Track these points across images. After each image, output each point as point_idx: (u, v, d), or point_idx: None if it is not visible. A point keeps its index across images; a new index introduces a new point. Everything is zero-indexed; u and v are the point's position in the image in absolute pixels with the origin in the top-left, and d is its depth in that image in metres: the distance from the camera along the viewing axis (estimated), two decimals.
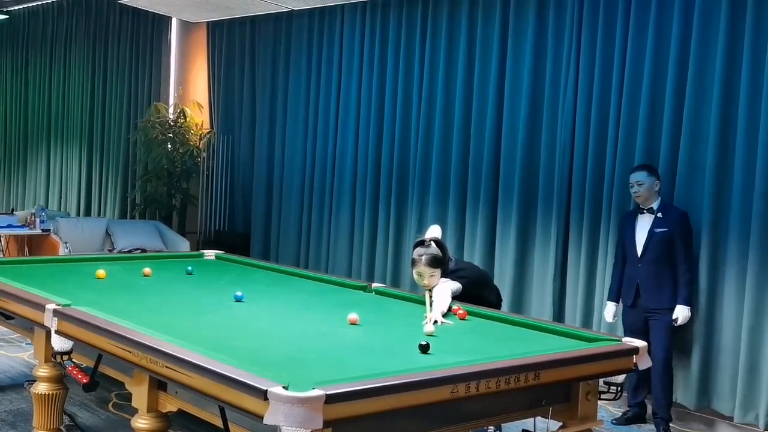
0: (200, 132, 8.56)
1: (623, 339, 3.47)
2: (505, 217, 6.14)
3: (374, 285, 4.65)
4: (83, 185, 9.83)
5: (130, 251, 7.51)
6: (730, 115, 4.99)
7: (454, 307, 3.91)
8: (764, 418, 4.76)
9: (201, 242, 8.37)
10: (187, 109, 8.50)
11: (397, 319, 3.92)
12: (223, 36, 8.52)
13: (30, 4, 10.39)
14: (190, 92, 8.89)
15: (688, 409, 5.12)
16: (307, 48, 7.70)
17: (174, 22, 8.89)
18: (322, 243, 7.51)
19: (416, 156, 6.75)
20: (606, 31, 5.59)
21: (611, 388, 3.33)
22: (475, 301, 4.09)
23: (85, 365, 3.50)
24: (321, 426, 2.31)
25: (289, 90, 7.88)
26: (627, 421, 5.11)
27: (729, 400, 4.95)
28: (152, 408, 3.05)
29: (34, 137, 10.81)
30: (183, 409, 2.97)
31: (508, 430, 4.19)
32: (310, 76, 7.67)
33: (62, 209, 10.02)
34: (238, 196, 8.50)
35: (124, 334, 3.06)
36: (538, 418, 3.19)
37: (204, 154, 8.50)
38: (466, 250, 6.36)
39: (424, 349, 3.07)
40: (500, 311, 4.32)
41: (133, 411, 3.14)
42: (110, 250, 7.81)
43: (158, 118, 8.43)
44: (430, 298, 3.95)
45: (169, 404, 3.02)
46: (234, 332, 3.46)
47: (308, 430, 2.29)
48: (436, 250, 4.07)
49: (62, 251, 7.41)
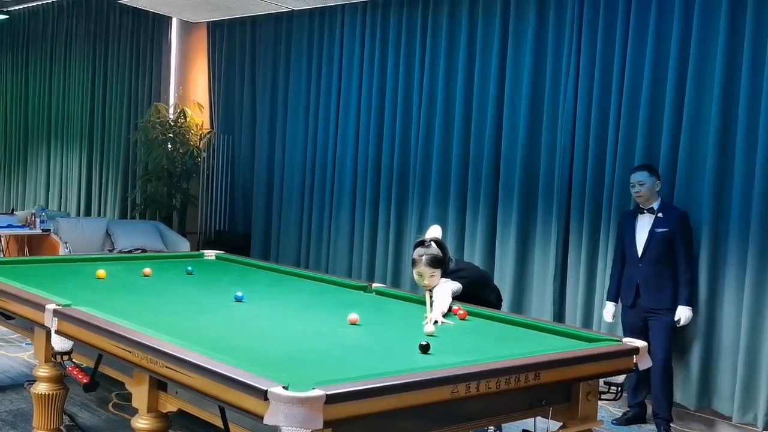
0: (200, 132, 8.56)
1: (623, 339, 3.47)
2: (506, 217, 6.14)
3: (374, 285, 4.65)
4: (83, 185, 9.83)
5: (130, 251, 7.51)
6: (730, 115, 4.99)
7: (455, 307, 3.90)
8: (763, 418, 4.76)
9: (201, 242, 8.37)
10: (187, 110, 8.50)
11: (397, 320, 3.92)
12: (224, 36, 8.51)
13: (30, 4, 10.38)
14: (190, 92, 8.89)
15: (688, 409, 5.12)
16: (308, 48, 7.70)
17: (174, 22, 8.89)
18: (323, 243, 7.51)
19: (416, 156, 6.75)
20: (606, 31, 5.59)
21: (611, 388, 3.33)
22: (475, 302, 4.09)
23: (85, 365, 3.50)
24: (321, 426, 2.32)
25: (289, 90, 7.88)
26: (627, 422, 5.10)
27: (729, 401, 4.94)
28: (152, 408, 3.05)
29: (34, 137, 10.81)
30: (183, 409, 2.97)
31: (508, 430, 4.19)
32: (311, 76, 7.67)
33: (62, 209, 10.01)
34: (238, 196, 8.50)
35: (124, 334, 3.06)
36: (539, 419, 3.20)
37: (204, 155, 8.50)
38: (466, 251, 6.35)
39: (425, 349, 3.07)
40: (500, 311, 4.32)
41: (134, 411, 3.14)
42: (110, 251, 7.80)
43: (158, 118, 8.43)
44: (431, 298, 3.94)
45: (170, 404, 3.02)
46: (234, 332, 3.46)
47: (308, 431, 2.29)
48: (436, 250, 4.07)
49: (62, 251, 7.41)
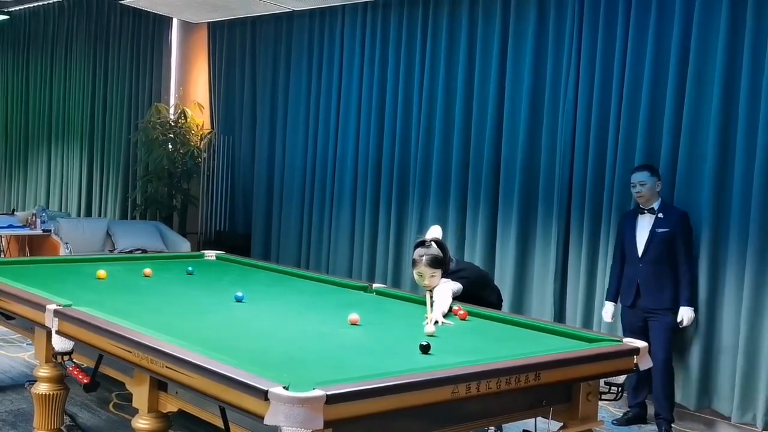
0: (201, 132, 8.56)
1: (624, 339, 3.47)
2: (506, 217, 6.14)
3: (375, 285, 4.65)
4: (84, 186, 9.83)
5: (130, 252, 7.51)
6: (730, 116, 4.99)
7: (455, 307, 3.90)
8: (762, 418, 4.76)
9: (201, 243, 8.37)
10: (187, 110, 8.50)
11: (397, 320, 3.92)
12: (224, 36, 8.52)
13: (31, 5, 10.38)
14: (190, 93, 8.90)
15: (688, 409, 5.12)
16: (308, 48, 7.70)
17: (175, 22, 8.89)
18: (323, 243, 7.51)
19: (417, 156, 6.75)
20: (606, 31, 5.59)
21: (612, 388, 3.33)
22: (475, 302, 4.09)
23: (85, 365, 3.50)
24: (322, 426, 2.32)
25: (289, 90, 7.88)
26: (628, 422, 5.10)
27: (729, 401, 4.94)
28: (153, 408, 3.05)
29: (34, 137, 10.82)
30: (183, 409, 2.98)
31: (508, 430, 4.19)
32: (311, 76, 7.67)
33: (63, 210, 10.02)
34: (238, 196, 8.50)
35: (124, 334, 3.06)
36: (539, 419, 3.20)
37: (205, 155, 8.50)
38: (466, 251, 6.35)
39: (425, 349, 3.07)
40: (501, 312, 4.32)
41: (134, 411, 3.14)
42: (111, 251, 7.81)
43: (159, 118, 8.43)
44: (431, 298, 3.94)
45: (170, 404, 3.02)
46: (234, 333, 3.46)
47: (309, 431, 2.29)
48: (436, 250, 4.07)
49: (63, 252, 7.42)
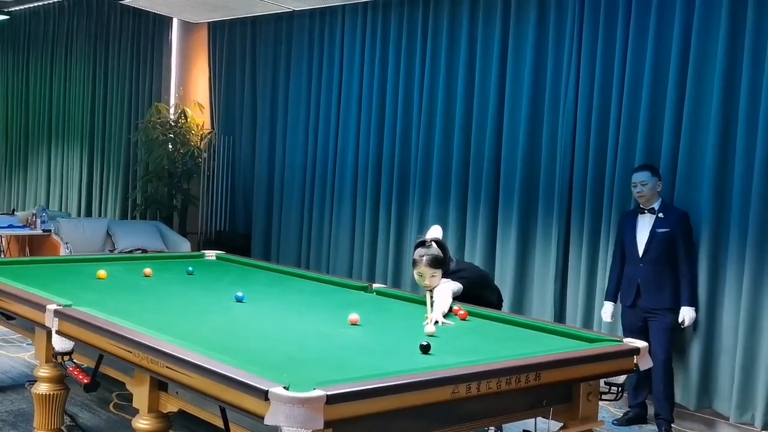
0: (201, 132, 8.56)
1: (624, 339, 3.47)
2: (506, 217, 6.14)
3: (375, 285, 4.65)
4: (84, 185, 9.83)
5: (130, 252, 7.51)
6: (730, 116, 4.99)
7: (455, 307, 3.90)
8: (761, 418, 4.76)
9: (202, 243, 8.37)
10: (188, 110, 8.50)
11: (397, 320, 3.92)
12: (224, 36, 8.52)
13: (31, 5, 10.39)
14: (191, 93, 8.90)
15: (688, 409, 5.12)
16: (308, 48, 7.70)
17: (175, 22, 8.89)
18: (323, 243, 7.51)
19: (417, 156, 6.75)
20: (606, 31, 5.59)
21: (612, 388, 3.33)
22: (476, 302, 4.09)
23: (86, 365, 3.50)
24: (322, 426, 2.32)
25: (290, 90, 7.88)
26: (628, 422, 5.10)
27: (729, 401, 4.94)
28: (153, 408, 3.05)
29: (35, 137, 10.82)
30: (184, 409, 2.98)
31: (509, 430, 4.19)
32: (311, 76, 7.67)
33: (63, 210, 10.02)
34: (238, 196, 8.50)
35: (124, 334, 3.06)
36: (539, 419, 3.20)
37: (205, 155, 8.50)
38: (466, 251, 6.36)
39: (425, 349, 3.07)
40: (501, 312, 4.32)
41: (134, 411, 3.14)
42: (111, 251, 7.81)
43: (159, 118, 8.43)
44: (431, 298, 3.94)
45: (170, 404, 3.02)
46: (235, 333, 3.46)
47: (309, 431, 2.29)
48: (437, 250, 4.07)
49: (63, 252, 7.42)
